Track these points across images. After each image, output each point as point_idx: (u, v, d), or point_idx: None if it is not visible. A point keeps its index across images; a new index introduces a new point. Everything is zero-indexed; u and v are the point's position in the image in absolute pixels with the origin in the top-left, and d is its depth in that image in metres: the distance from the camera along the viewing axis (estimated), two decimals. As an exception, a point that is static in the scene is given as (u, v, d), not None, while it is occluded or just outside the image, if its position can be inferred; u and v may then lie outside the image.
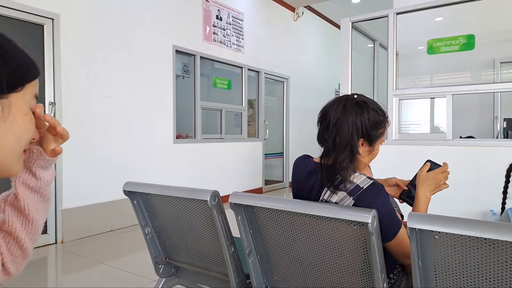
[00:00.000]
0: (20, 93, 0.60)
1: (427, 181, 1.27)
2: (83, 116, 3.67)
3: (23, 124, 0.61)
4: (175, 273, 1.85)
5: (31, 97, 0.63)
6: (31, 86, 0.63)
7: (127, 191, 1.68)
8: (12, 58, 0.60)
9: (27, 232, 0.75)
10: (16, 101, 0.60)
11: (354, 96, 1.22)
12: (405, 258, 1.17)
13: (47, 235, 3.43)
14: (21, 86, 0.60)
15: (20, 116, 0.61)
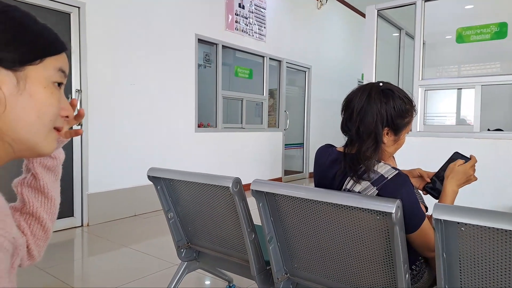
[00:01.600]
0: (38, 66, 0.58)
1: (457, 174, 1.24)
2: (108, 103, 3.75)
3: (41, 98, 0.58)
4: (196, 257, 1.89)
5: (53, 71, 0.60)
6: (53, 60, 0.60)
7: (151, 177, 1.72)
8: (29, 30, 0.58)
9: (47, 211, 0.78)
10: (33, 74, 0.58)
11: (380, 84, 1.20)
12: (427, 251, 1.15)
13: (73, 218, 3.55)
14: (39, 59, 0.58)
15: (37, 90, 0.58)
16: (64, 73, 0.63)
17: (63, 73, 0.62)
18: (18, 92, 0.56)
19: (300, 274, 1.42)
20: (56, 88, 0.61)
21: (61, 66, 0.62)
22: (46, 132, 0.61)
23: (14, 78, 0.56)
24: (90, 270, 2.74)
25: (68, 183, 3.50)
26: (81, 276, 2.65)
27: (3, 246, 0.46)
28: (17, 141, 0.58)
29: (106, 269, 2.65)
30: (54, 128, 0.63)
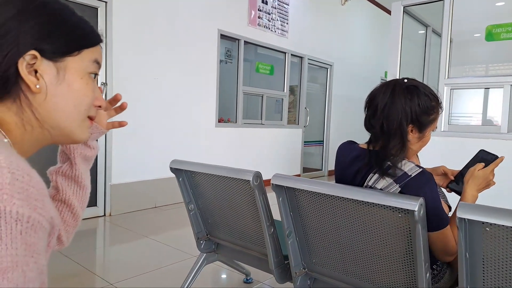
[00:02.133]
0: (76, 57, 0.61)
1: (477, 179, 1.20)
2: (132, 96, 3.82)
3: (79, 88, 0.62)
4: (215, 249, 1.92)
5: (89, 62, 0.63)
6: (89, 52, 0.63)
7: (174, 169, 1.76)
8: (68, 22, 0.61)
9: (78, 199, 0.83)
10: (72, 65, 0.61)
11: (404, 80, 1.18)
12: (444, 254, 1.13)
13: (96, 208, 3.66)
14: (77, 51, 0.61)
15: (75, 80, 0.61)
16: (99, 64, 0.66)
17: (98, 64, 0.65)
18: (58, 82, 0.59)
19: (318, 270, 1.43)
20: (91, 78, 0.64)
21: (96, 58, 0.65)
22: (81, 121, 0.64)
23: (55, 69, 0.59)
24: (112, 259, 2.82)
25: (92, 173, 3.56)
26: (102, 264, 2.73)
27: (41, 225, 0.48)
28: (55, 128, 0.62)
29: (127, 258, 2.72)
30: (88, 117, 0.66)
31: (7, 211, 0.44)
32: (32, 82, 0.57)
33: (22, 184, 0.46)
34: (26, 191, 0.46)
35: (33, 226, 0.46)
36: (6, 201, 0.44)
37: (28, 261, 0.46)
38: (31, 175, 0.48)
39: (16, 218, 0.44)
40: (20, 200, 0.45)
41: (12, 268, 0.44)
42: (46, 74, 0.58)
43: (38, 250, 0.47)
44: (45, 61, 0.58)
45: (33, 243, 0.46)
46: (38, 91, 0.58)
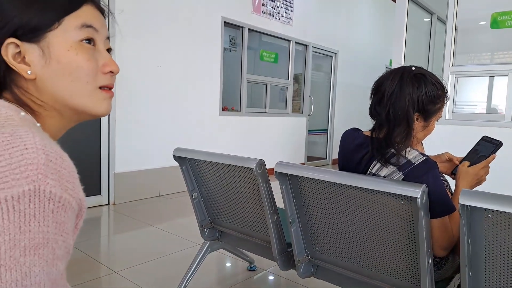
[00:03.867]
0: (57, 30, 0.57)
1: (468, 176, 1.20)
2: (135, 85, 3.82)
3: (68, 61, 0.58)
4: (219, 237, 1.94)
5: (74, 30, 0.58)
6: (72, 18, 0.58)
7: (177, 157, 1.76)
8: None
9: None
10: (55, 39, 0.57)
11: (412, 68, 1.17)
12: (438, 247, 1.12)
13: (100, 197, 3.69)
14: (56, 23, 0.57)
15: (61, 54, 0.57)
16: (90, 27, 0.60)
17: (89, 28, 0.60)
18: (46, 62, 0.57)
19: (321, 257, 1.44)
20: (83, 46, 0.59)
21: (83, 22, 0.59)
22: (89, 93, 0.61)
23: (39, 49, 0.57)
24: (116, 247, 2.85)
25: (96, 162, 3.62)
26: (107, 252, 2.76)
27: (71, 205, 0.49)
28: (67, 108, 0.61)
29: (131, 247, 2.76)
30: (101, 87, 0.62)
31: (41, 190, 0.45)
32: (23, 70, 0.56)
33: (55, 166, 0.48)
34: (58, 172, 0.48)
35: (64, 206, 0.48)
36: (40, 180, 0.46)
37: (57, 239, 0.48)
38: (63, 157, 0.50)
39: (49, 197, 0.46)
40: (53, 180, 0.47)
41: (43, 244, 0.46)
42: (33, 58, 0.57)
43: (67, 229, 0.49)
44: (27, 44, 0.56)
45: (63, 222, 0.48)
46: (32, 76, 0.57)
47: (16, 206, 0.44)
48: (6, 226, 0.44)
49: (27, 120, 0.55)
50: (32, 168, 0.46)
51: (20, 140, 0.48)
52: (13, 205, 0.44)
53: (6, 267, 0.43)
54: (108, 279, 2.19)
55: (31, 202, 0.45)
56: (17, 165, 0.45)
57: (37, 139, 0.48)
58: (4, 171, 0.45)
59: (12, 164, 0.45)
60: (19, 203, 0.44)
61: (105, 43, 0.64)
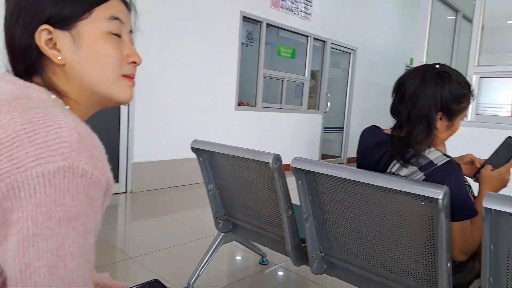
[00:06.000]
0: (87, 20, 0.60)
1: (492, 180, 1.16)
2: (154, 77, 3.85)
3: (97, 49, 0.61)
4: (233, 229, 1.95)
5: (104, 21, 0.61)
6: (101, 10, 0.61)
7: (194, 148, 1.77)
8: None
9: None
10: (85, 28, 0.60)
11: (436, 65, 1.14)
12: (459, 252, 1.10)
13: (118, 184, 3.74)
14: (87, 13, 0.60)
15: (91, 42, 0.60)
16: (117, 19, 0.63)
17: (116, 20, 0.62)
18: (76, 49, 0.60)
19: (335, 254, 1.43)
20: (110, 36, 0.62)
21: (111, 14, 0.62)
22: (114, 81, 0.63)
23: (70, 37, 0.59)
24: (132, 233, 2.90)
25: (115, 151, 3.68)
26: (123, 238, 2.81)
27: (100, 182, 0.52)
28: (92, 94, 0.63)
29: (146, 234, 2.80)
30: (124, 76, 0.65)
31: (75, 166, 0.48)
32: (54, 55, 0.59)
33: (87, 144, 0.51)
34: (90, 151, 0.51)
35: (94, 183, 0.51)
36: (74, 157, 0.48)
37: (88, 213, 0.50)
38: (94, 137, 0.53)
39: (81, 174, 0.49)
40: (85, 157, 0.49)
41: (76, 217, 0.48)
42: (64, 45, 0.59)
43: (97, 205, 0.52)
44: (59, 31, 0.59)
45: (93, 198, 0.51)
46: (62, 62, 0.60)
47: (52, 181, 0.47)
48: (42, 199, 0.46)
49: (57, 102, 0.58)
50: (66, 146, 0.48)
51: (54, 120, 0.50)
52: (49, 179, 0.47)
53: (42, 237, 0.46)
54: (123, 264, 2.23)
55: (65, 177, 0.47)
56: (53, 143, 0.48)
57: (70, 119, 0.51)
58: (41, 147, 0.47)
59: (48, 141, 0.48)
60: (55, 178, 0.47)
61: (128, 35, 0.67)
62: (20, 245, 0.45)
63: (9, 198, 0.46)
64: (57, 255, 0.47)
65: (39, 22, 0.58)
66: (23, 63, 0.60)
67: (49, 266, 0.46)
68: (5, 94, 0.55)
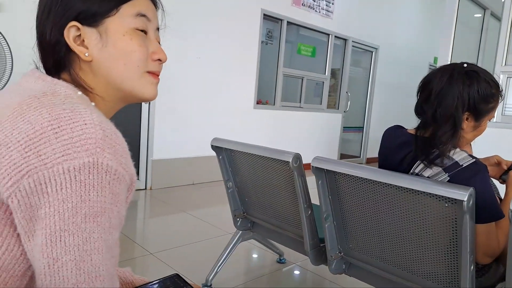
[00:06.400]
0: (115, 16, 0.61)
1: None
2: (175, 75, 3.89)
3: (123, 46, 0.61)
4: (251, 227, 1.95)
5: (130, 18, 0.62)
6: (128, 6, 0.62)
7: (214, 146, 1.79)
8: None
9: None
10: (112, 25, 0.60)
11: (464, 64, 1.11)
12: (483, 254, 1.07)
13: (138, 181, 3.81)
14: (114, 10, 0.61)
15: (118, 39, 0.61)
16: (144, 16, 0.63)
17: (143, 17, 0.63)
18: (103, 45, 0.61)
19: (355, 255, 1.42)
20: (137, 33, 0.63)
21: (138, 11, 0.62)
22: (139, 77, 0.64)
23: (97, 33, 0.60)
24: (151, 229, 2.95)
25: (136, 148, 3.75)
26: (142, 233, 2.86)
27: (124, 178, 0.53)
28: (118, 89, 0.64)
29: (166, 230, 2.84)
30: (148, 72, 0.65)
31: (99, 162, 0.49)
32: (81, 52, 0.60)
33: (111, 141, 0.52)
34: (114, 147, 0.52)
35: (118, 179, 0.52)
36: (98, 153, 0.49)
37: (113, 209, 0.51)
38: (117, 134, 0.54)
39: (106, 170, 0.50)
40: (109, 154, 0.50)
41: (101, 213, 0.49)
42: (91, 41, 0.60)
43: (121, 201, 0.53)
44: (87, 28, 0.60)
45: (117, 194, 0.52)
46: (89, 58, 0.61)
47: (78, 177, 0.48)
48: (69, 195, 0.47)
49: (83, 99, 0.59)
50: (91, 142, 0.49)
51: (80, 116, 0.51)
52: (75, 175, 0.48)
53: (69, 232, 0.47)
54: (143, 260, 2.27)
55: (90, 173, 0.48)
56: (78, 139, 0.49)
57: (95, 115, 0.52)
58: (67, 144, 0.48)
59: (73, 138, 0.49)
60: (80, 174, 0.48)
61: (155, 33, 0.67)
62: (47, 240, 0.47)
63: (37, 193, 0.47)
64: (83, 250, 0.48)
65: (68, 18, 0.59)
66: (52, 59, 0.62)
67: (76, 261, 0.47)
68: (34, 90, 0.56)
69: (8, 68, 2.37)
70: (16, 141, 0.49)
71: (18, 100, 0.54)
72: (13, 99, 0.56)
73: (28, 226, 0.49)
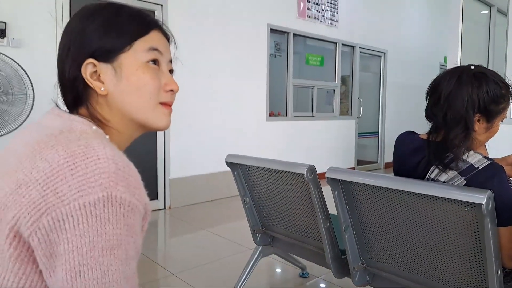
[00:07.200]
0: (129, 52, 0.64)
1: None
2: (187, 93, 3.95)
3: (136, 79, 0.64)
4: (271, 242, 1.95)
5: (143, 52, 0.65)
6: (141, 42, 0.65)
7: (229, 163, 1.80)
8: (113, 25, 0.64)
9: None
10: (126, 60, 0.64)
11: (471, 67, 1.11)
12: (508, 258, 1.04)
13: (157, 201, 3.86)
14: (128, 46, 0.64)
15: (131, 73, 0.64)
16: (156, 50, 0.66)
17: (155, 51, 0.66)
18: (118, 79, 0.64)
19: (378, 265, 1.40)
20: (149, 66, 0.66)
21: (150, 45, 0.66)
22: (152, 109, 0.67)
23: (112, 69, 0.64)
24: (172, 249, 2.97)
25: (153, 168, 3.80)
26: (164, 254, 2.88)
27: (138, 209, 0.54)
28: (132, 121, 0.67)
29: (186, 250, 2.85)
30: (161, 103, 0.68)
31: (113, 196, 0.51)
32: (97, 86, 0.64)
33: (123, 174, 0.53)
34: (126, 180, 0.53)
35: (133, 210, 0.53)
36: (112, 187, 0.51)
37: (129, 240, 0.52)
38: (130, 166, 0.56)
39: (120, 202, 0.51)
40: (123, 187, 0.52)
41: (118, 245, 0.51)
42: (106, 76, 0.64)
43: (136, 231, 0.54)
44: (102, 64, 0.64)
45: (132, 225, 0.53)
46: (105, 92, 0.64)
47: (93, 211, 0.49)
48: (86, 230, 0.49)
49: (98, 133, 0.61)
50: (105, 177, 0.51)
51: (94, 151, 0.53)
52: (91, 210, 0.49)
53: (88, 266, 0.49)
54: (165, 281, 2.29)
55: (105, 207, 0.50)
56: (92, 174, 0.51)
57: (108, 150, 0.54)
58: (82, 180, 0.50)
59: (88, 173, 0.51)
60: (96, 208, 0.49)
61: (168, 65, 0.70)
62: (67, 275, 0.48)
63: (55, 230, 0.49)
64: (102, 283, 0.49)
65: (86, 56, 0.63)
66: (71, 94, 0.66)
67: None
68: (51, 128, 0.60)
69: (29, 101, 2.46)
70: (35, 180, 0.51)
71: (37, 139, 0.57)
72: (33, 137, 0.59)
73: (48, 263, 0.50)
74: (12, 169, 0.55)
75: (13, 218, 0.51)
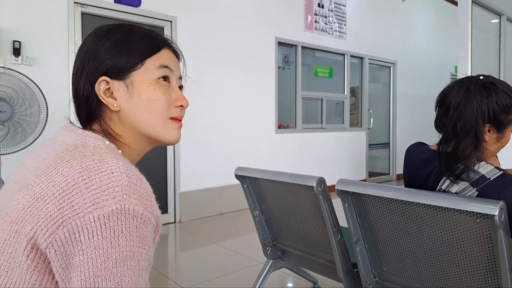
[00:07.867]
0: (140, 69, 0.67)
1: None
2: (196, 108, 4.00)
3: (147, 95, 0.66)
4: (281, 256, 1.93)
5: (154, 70, 0.68)
6: (152, 60, 0.68)
7: (238, 176, 1.81)
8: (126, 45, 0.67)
9: None
10: (137, 77, 0.66)
11: (480, 77, 1.10)
12: None
13: (167, 215, 3.87)
14: (139, 64, 0.67)
15: (142, 90, 0.66)
16: (166, 67, 0.69)
17: (165, 68, 0.69)
18: (129, 96, 0.67)
19: (390, 279, 1.37)
20: (160, 83, 0.68)
21: (161, 63, 0.69)
22: (163, 124, 0.69)
23: (124, 86, 0.67)
24: (183, 263, 2.96)
25: (163, 182, 3.82)
26: (175, 268, 2.87)
27: (150, 221, 0.56)
28: (143, 136, 0.69)
29: (197, 264, 2.84)
30: (171, 118, 0.70)
31: (126, 208, 0.52)
32: (110, 103, 0.66)
33: (136, 187, 0.55)
34: (139, 192, 0.55)
35: (145, 222, 0.55)
36: (125, 200, 0.53)
37: (141, 252, 0.54)
38: (142, 179, 0.58)
39: (133, 215, 0.53)
40: (135, 199, 0.54)
41: (131, 257, 0.52)
42: (119, 93, 0.66)
43: (148, 243, 0.56)
44: (115, 81, 0.66)
45: (145, 237, 0.54)
46: (117, 109, 0.67)
47: (107, 224, 0.51)
48: (100, 241, 0.50)
49: (111, 147, 0.64)
50: (118, 190, 0.53)
51: (107, 166, 0.55)
52: (105, 222, 0.51)
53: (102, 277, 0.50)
54: (176, 296, 2.28)
55: (118, 219, 0.51)
56: (106, 187, 0.53)
57: (120, 163, 0.56)
58: (96, 193, 0.52)
59: (102, 187, 0.53)
60: (109, 221, 0.51)
61: (178, 81, 0.73)
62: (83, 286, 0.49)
63: (71, 242, 0.51)
64: None
65: (99, 74, 0.66)
66: (85, 111, 0.68)
67: None
68: (66, 143, 0.62)
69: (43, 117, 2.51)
70: (51, 194, 0.53)
71: (53, 154, 0.60)
72: (48, 153, 0.62)
73: (64, 274, 0.52)
74: (29, 183, 0.57)
75: (31, 231, 0.53)
